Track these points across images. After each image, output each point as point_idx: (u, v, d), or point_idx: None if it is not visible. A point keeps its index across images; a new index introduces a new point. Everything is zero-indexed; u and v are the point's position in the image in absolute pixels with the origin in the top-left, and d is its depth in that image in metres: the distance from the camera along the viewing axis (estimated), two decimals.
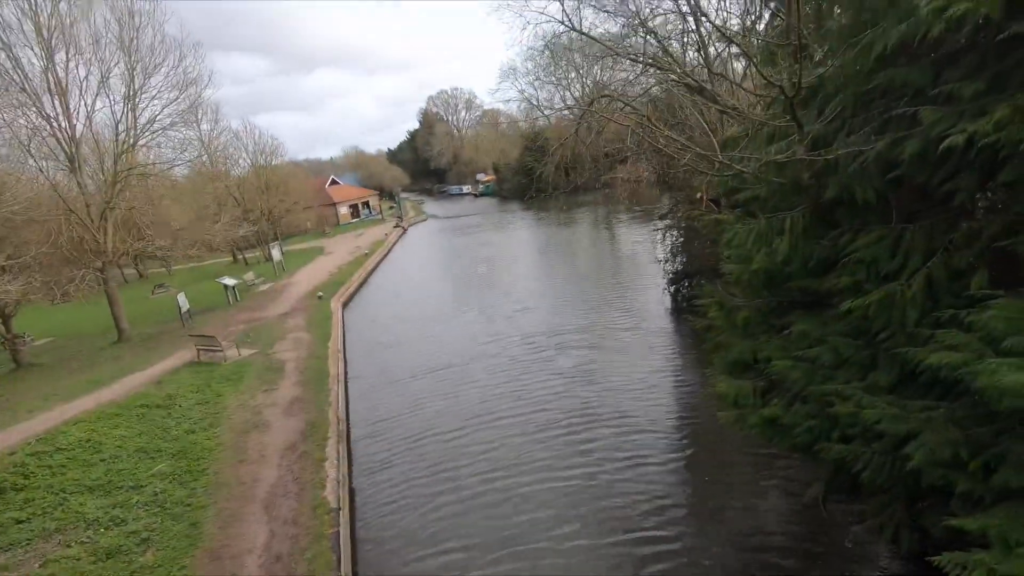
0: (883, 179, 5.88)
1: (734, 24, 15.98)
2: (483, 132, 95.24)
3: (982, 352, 4.77)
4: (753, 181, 7.94)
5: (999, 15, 4.68)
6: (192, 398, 15.75)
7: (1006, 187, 5.30)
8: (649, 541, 9.18)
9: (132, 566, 9.06)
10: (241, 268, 43.91)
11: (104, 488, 11.22)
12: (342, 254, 43.44)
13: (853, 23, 6.22)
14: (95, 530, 9.97)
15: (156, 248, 26.02)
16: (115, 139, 24.05)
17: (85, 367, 20.62)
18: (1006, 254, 5.11)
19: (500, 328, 21.43)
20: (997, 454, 4.89)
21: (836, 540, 8.60)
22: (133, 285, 47.34)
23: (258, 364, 18.61)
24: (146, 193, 26.71)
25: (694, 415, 13.08)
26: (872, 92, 6.24)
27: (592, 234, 42.19)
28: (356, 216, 73.01)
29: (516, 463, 11.88)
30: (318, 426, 13.56)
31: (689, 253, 19.51)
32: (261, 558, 9.11)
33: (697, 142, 12.24)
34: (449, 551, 9.48)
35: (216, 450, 12.85)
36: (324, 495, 10.65)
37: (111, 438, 13.14)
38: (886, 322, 5.89)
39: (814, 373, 6.79)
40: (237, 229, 31.32)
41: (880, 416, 5.66)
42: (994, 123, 4.63)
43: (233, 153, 49.20)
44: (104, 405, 15.06)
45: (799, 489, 9.54)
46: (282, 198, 50.44)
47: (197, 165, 41.82)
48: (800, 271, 7.16)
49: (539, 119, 42.22)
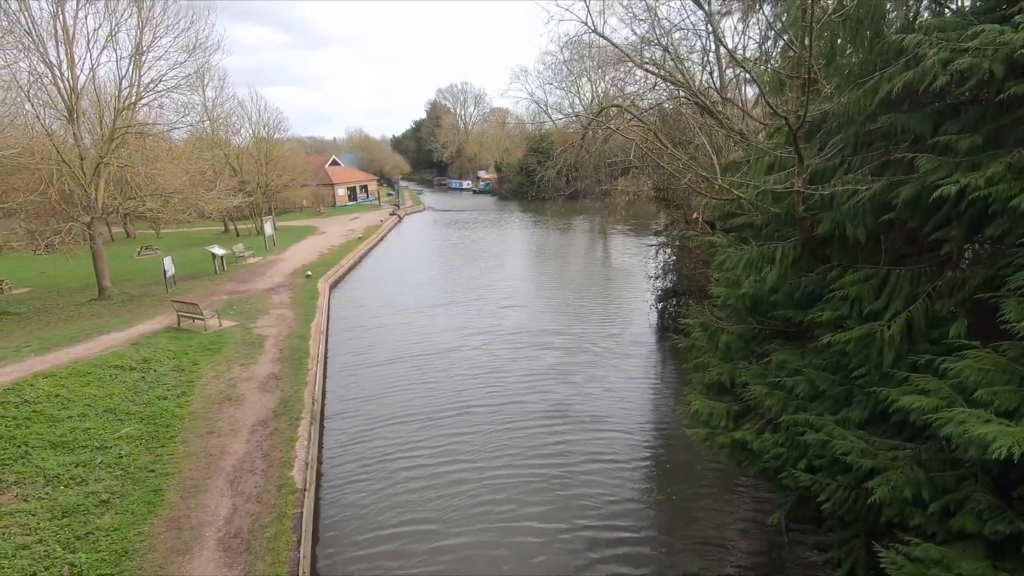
0: (876, 220, 5.99)
1: (751, 48, 16.16)
2: (489, 129, 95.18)
3: (953, 400, 4.86)
4: (749, 208, 8.04)
5: (1002, 74, 4.79)
6: (168, 364, 15.58)
7: (993, 241, 5.41)
8: (608, 543, 9.38)
9: (88, 527, 8.95)
10: (232, 239, 43.48)
11: (68, 446, 11.07)
12: (335, 236, 43.19)
13: (863, 63, 6.33)
14: (54, 487, 9.83)
15: (147, 209, 25.65)
16: (117, 95, 23.68)
17: (61, 321, 20.31)
18: (986, 306, 5.21)
19: (484, 322, 21.76)
20: (958, 499, 4.98)
21: (793, 567, 8.71)
22: (120, 243, 46.70)
23: (238, 337, 18.45)
24: (142, 152, 26.35)
25: (666, 429, 13.21)
26: (874, 134, 6.34)
27: (587, 242, 42.32)
28: (353, 199, 72.59)
29: (482, 451, 12.32)
30: (292, 405, 13.47)
31: (680, 272, 19.63)
32: (220, 532, 9.04)
33: (700, 163, 12.35)
34: (407, 534, 9.56)
35: (186, 419, 12.72)
36: (291, 475, 10.59)
37: (80, 396, 12.96)
38: (863, 360, 5.98)
39: (788, 402, 6.87)
40: (231, 199, 30.93)
41: (849, 448, 5.74)
42: (987, 178, 4.74)
43: (235, 122, 48.59)
44: (77, 361, 14.84)
45: (763, 510, 9.72)
46: (280, 173, 49.96)
47: (197, 130, 41.38)
48: (786, 301, 7.25)
49: (546, 123, 42.31)
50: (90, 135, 23.84)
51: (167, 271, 25.46)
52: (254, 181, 46.63)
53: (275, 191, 50.40)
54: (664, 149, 12.08)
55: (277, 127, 52.29)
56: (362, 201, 73.13)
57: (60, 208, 22.48)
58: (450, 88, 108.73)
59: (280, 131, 53.38)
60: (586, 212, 52.58)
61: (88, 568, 8.10)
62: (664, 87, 15.56)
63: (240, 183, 42.98)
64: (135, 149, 25.68)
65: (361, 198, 73.73)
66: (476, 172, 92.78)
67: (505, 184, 76.19)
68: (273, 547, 8.66)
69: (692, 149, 14.99)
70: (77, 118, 22.64)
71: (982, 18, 5.34)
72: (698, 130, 13.80)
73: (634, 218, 40.01)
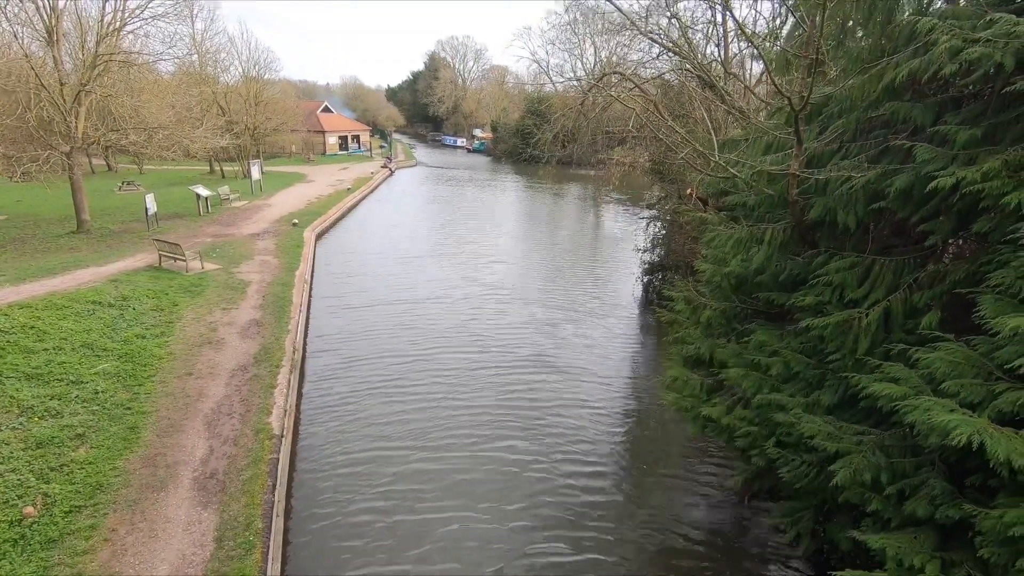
0: (867, 207, 6.01)
1: (761, 24, 15.81)
2: (487, 87, 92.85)
3: (921, 390, 5.00)
4: (744, 187, 8.01)
5: (1012, 66, 4.74)
6: (147, 303, 15.39)
7: (978, 237, 5.47)
8: (572, 488, 9.92)
9: (63, 459, 8.98)
10: (217, 180, 42.44)
11: (43, 378, 10.99)
12: (323, 185, 42.36)
13: (872, 47, 6.23)
14: (28, 418, 9.80)
15: (130, 143, 24.80)
16: (100, 19, 22.58)
17: (38, 252, 19.88)
18: (963, 301, 5.31)
19: (469, 275, 22.58)
20: (914, 484, 5.19)
21: (751, 535, 9.09)
22: (101, 176, 45.36)
23: (221, 280, 18.24)
24: (127, 83, 25.32)
25: (640, 397, 13.54)
26: (874, 121, 6.30)
27: (578, 209, 42.09)
28: (344, 149, 70.87)
29: (459, 385, 13.48)
30: (273, 352, 13.46)
31: (668, 247, 19.68)
32: (196, 472, 9.13)
33: (698, 138, 12.21)
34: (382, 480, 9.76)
35: (165, 359, 12.67)
36: (269, 421, 10.67)
37: (57, 329, 12.79)
38: (839, 345, 6.11)
39: (763, 382, 7.04)
40: (219, 139, 29.93)
41: (816, 432, 5.93)
42: (983, 173, 4.75)
43: (224, 59, 46.75)
44: (53, 294, 14.60)
45: (727, 481, 10.09)
46: (270, 116, 48.45)
47: (185, 64, 39.80)
48: (770, 282, 7.33)
49: (546, 85, 41.35)
50: (71, 60, 22.79)
51: (149, 209, 24.85)
52: (242, 122, 45.18)
53: (264, 134, 48.94)
54: (663, 121, 11.90)
55: (268, 67, 50.53)
56: (353, 151, 71.47)
57: (38, 135, 21.65)
58: (450, 40, 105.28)
59: (271, 71, 51.64)
60: (580, 180, 52.14)
61: (62, 499, 8.17)
62: (668, 58, 15.23)
63: (228, 123, 41.66)
64: (119, 79, 24.67)
65: (352, 148, 72.01)
66: (471, 130, 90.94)
67: (500, 145, 74.86)
68: (248, 489, 8.79)
69: (691, 123, 14.80)
70: (57, 40, 21.62)
71: (997, 8, 5.26)
72: (698, 104, 13.60)
73: (627, 189, 39.80)
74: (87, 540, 7.56)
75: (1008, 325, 4.40)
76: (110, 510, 8.14)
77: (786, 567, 8.37)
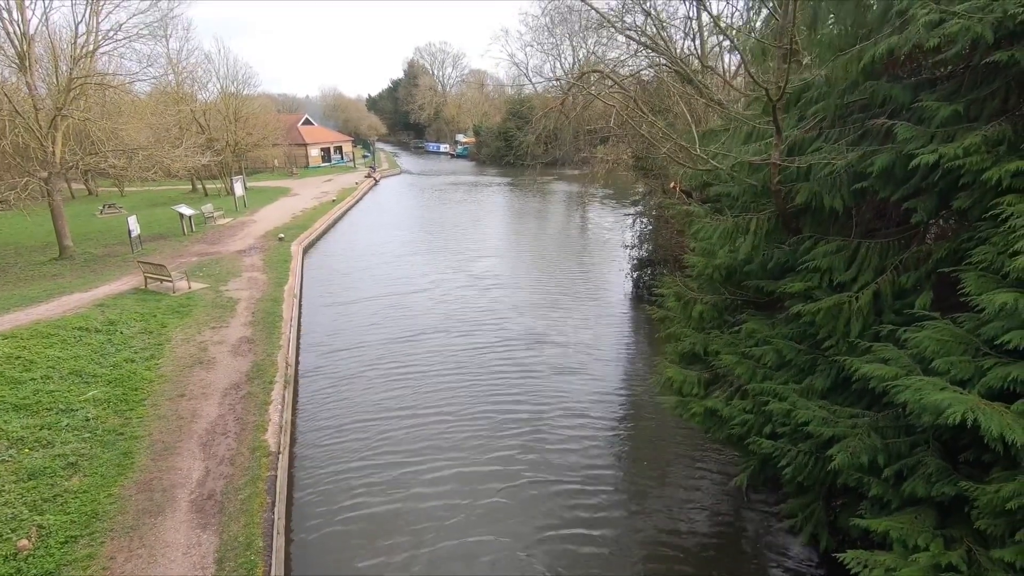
0: (851, 189, 6.07)
1: (736, 16, 15.95)
2: (468, 92, 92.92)
3: (911, 369, 5.05)
4: (726, 178, 8.07)
5: (991, 39, 4.80)
6: (135, 326, 15.20)
7: (958, 215, 5.54)
8: (573, 492, 9.84)
9: (56, 489, 8.82)
10: (200, 198, 42.03)
11: (32, 408, 10.81)
12: (308, 198, 42.13)
13: (844, 33, 6.30)
14: (19, 449, 9.62)
15: (109, 165, 24.53)
16: (73, 42, 22.32)
17: (21, 280, 19.57)
18: (949, 279, 5.38)
19: (463, 276, 22.94)
20: (910, 464, 5.24)
21: (754, 529, 9.11)
22: (81, 201, 44.77)
23: (209, 299, 18.06)
24: (103, 105, 25.04)
25: (634, 392, 13.57)
26: (852, 105, 6.37)
27: (564, 209, 42.20)
28: (327, 160, 70.60)
29: (457, 368, 14.39)
30: (265, 369, 13.33)
31: (655, 242, 19.77)
32: (193, 494, 9.01)
33: (679, 131, 12.27)
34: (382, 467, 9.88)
35: (156, 382, 12.51)
36: (265, 438, 10.56)
37: (44, 357, 12.60)
38: (831, 330, 6.15)
39: (756, 371, 7.07)
40: (199, 157, 29.65)
41: (810, 418, 5.96)
42: (964, 148, 4.81)
43: (202, 76, 46.38)
44: (38, 322, 14.38)
45: (728, 478, 10.07)
46: (250, 131, 48.14)
47: (162, 84, 39.43)
48: (758, 271, 7.37)
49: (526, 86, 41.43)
50: (45, 84, 22.51)
51: (132, 231, 24.56)
52: (223, 139, 44.88)
53: (245, 149, 48.67)
54: (644, 117, 11.97)
55: (247, 82, 50.26)
56: (336, 163, 71.21)
57: (15, 162, 21.37)
58: (428, 47, 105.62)
59: (250, 87, 51.32)
60: (564, 179, 52.28)
61: (57, 530, 8.02)
62: (645, 54, 15.32)
63: (208, 140, 41.32)
64: (96, 101, 24.40)
65: (335, 159, 71.75)
66: (454, 135, 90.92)
67: (483, 149, 74.91)
68: (247, 508, 8.68)
69: (672, 117, 14.88)
70: (30, 66, 21.33)
71: None
72: (678, 98, 13.68)
73: (612, 187, 39.97)
74: (85, 570, 7.42)
75: (996, 301, 4.45)
76: (107, 538, 8.00)
77: (787, 558, 8.41)
